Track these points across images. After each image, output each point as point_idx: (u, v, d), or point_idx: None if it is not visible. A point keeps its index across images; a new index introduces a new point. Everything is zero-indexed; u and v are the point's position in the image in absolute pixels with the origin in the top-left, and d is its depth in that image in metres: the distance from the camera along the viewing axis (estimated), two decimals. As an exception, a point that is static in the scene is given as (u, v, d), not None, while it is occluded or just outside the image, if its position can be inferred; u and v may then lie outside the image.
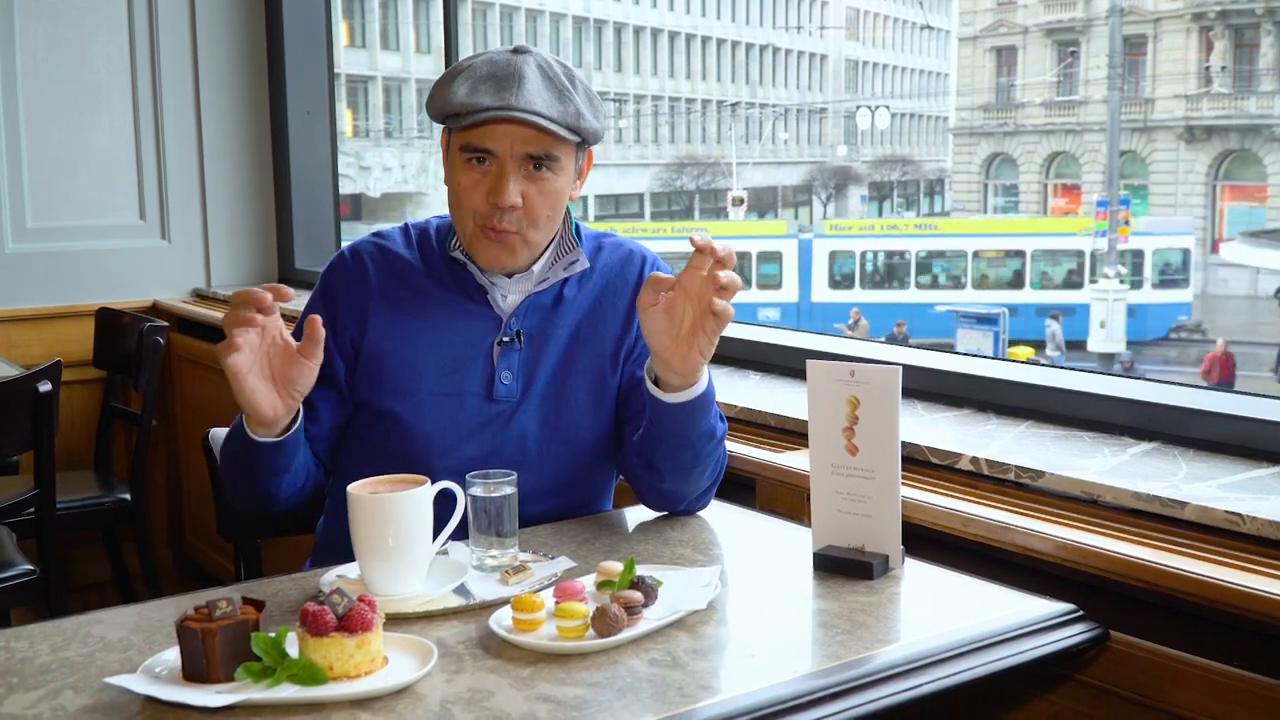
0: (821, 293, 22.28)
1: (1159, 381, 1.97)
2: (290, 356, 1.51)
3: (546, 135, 1.63)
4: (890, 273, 22.68)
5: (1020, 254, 22.07)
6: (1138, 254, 21.31)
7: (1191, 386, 1.93)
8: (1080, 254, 21.69)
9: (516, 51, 1.67)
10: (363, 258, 1.75)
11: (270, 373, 1.52)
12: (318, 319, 1.51)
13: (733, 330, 2.62)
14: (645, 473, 1.70)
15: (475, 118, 1.61)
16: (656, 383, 1.61)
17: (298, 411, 1.58)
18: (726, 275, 1.49)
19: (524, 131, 1.62)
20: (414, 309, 1.72)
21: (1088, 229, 21.74)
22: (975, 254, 22.23)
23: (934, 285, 22.41)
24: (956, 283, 22.26)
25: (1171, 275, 21.56)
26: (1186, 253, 21.85)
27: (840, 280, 22.36)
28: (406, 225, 1.81)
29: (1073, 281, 21.76)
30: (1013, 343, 18.65)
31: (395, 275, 1.74)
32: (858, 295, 21.70)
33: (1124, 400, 1.89)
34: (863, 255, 22.50)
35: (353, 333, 1.72)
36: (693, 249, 1.50)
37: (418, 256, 1.76)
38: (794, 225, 24.55)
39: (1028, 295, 21.39)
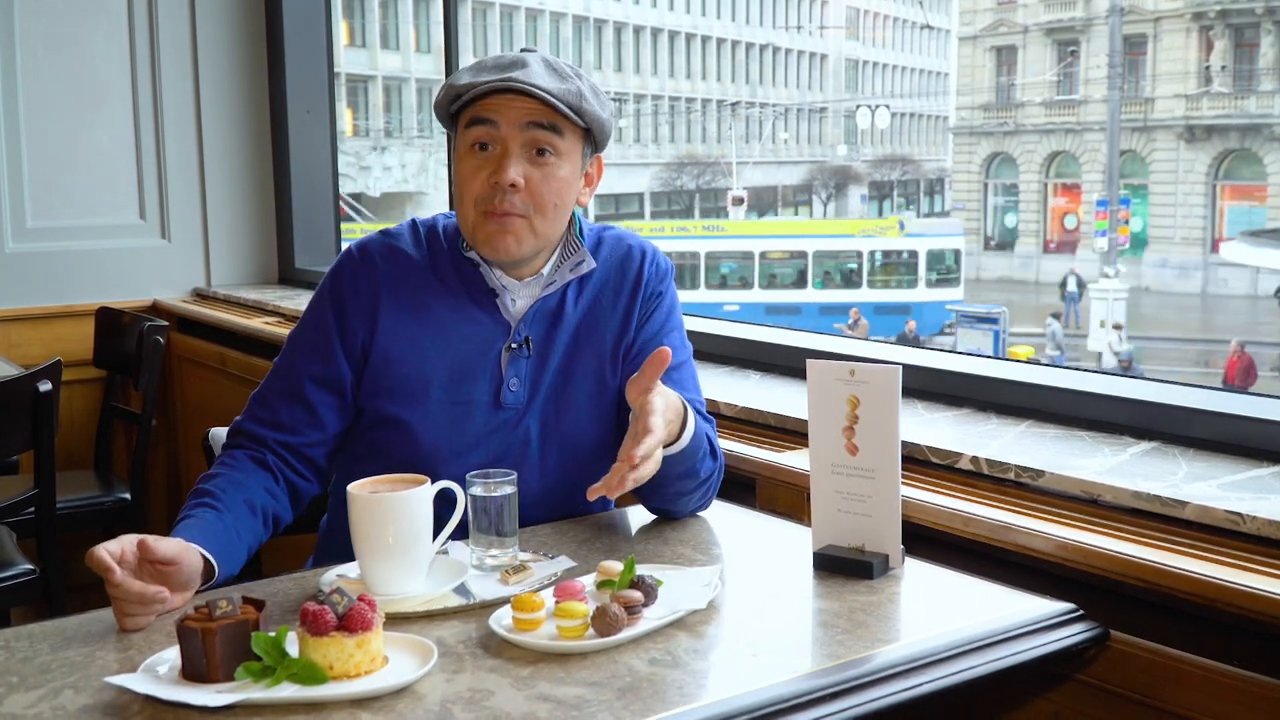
0: None
1: (1159, 381, 1.97)
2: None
3: (548, 110, 1.64)
4: (680, 274, 23.59)
5: (803, 255, 23.42)
6: (912, 254, 23.10)
7: (1192, 386, 1.93)
8: (859, 254, 23.32)
9: (524, 51, 1.70)
10: (372, 255, 1.73)
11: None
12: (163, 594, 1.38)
13: (733, 330, 2.63)
14: (633, 491, 1.71)
15: (477, 89, 1.63)
16: None
17: (213, 566, 1.49)
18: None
19: (526, 104, 1.63)
20: (423, 313, 1.70)
21: (865, 230, 23.86)
22: (762, 255, 23.46)
23: (723, 286, 23.52)
24: (745, 283, 23.48)
25: (945, 275, 23.23)
26: (957, 253, 23.66)
27: None
28: (414, 222, 1.79)
29: (853, 281, 23.33)
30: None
31: (404, 275, 1.72)
32: None
33: (1124, 400, 1.89)
34: None
35: (363, 336, 1.70)
36: None
37: (426, 256, 1.74)
38: None
39: (811, 295, 22.75)
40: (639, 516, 1.76)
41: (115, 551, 1.37)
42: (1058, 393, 1.98)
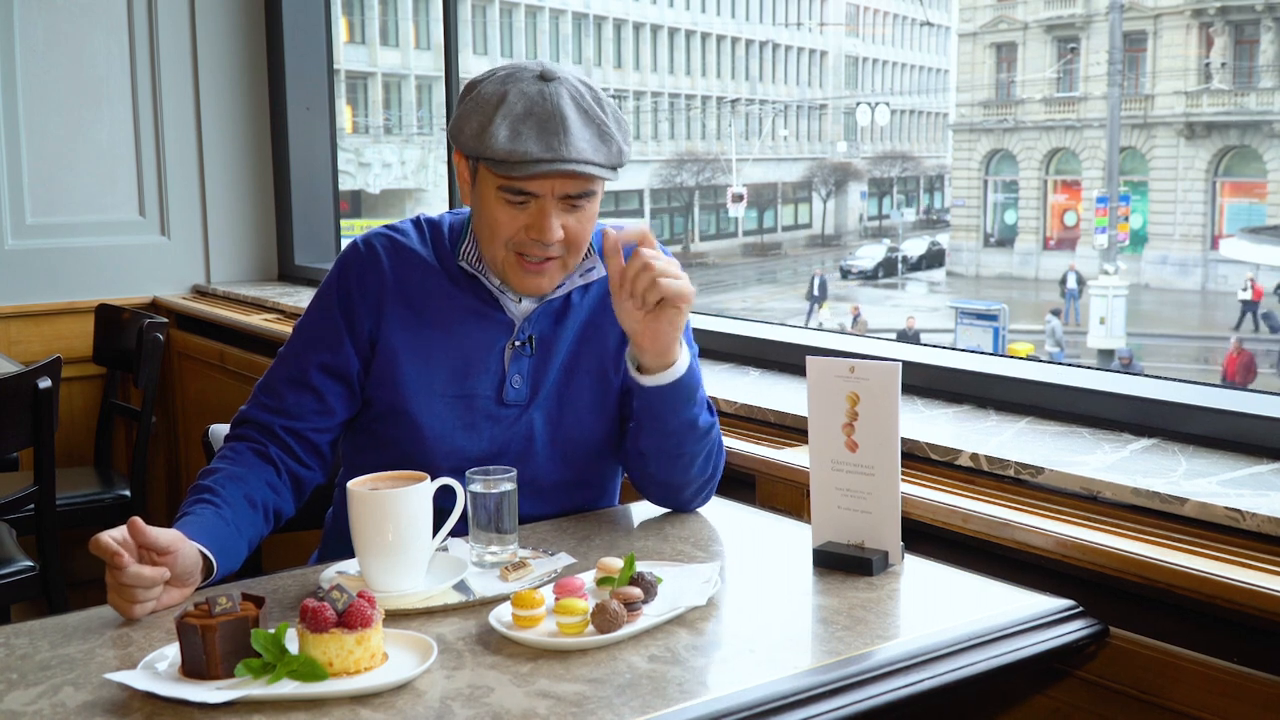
0: None
1: (1159, 378, 1.97)
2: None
3: (592, 179, 1.60)
4: None
5: None
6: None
7: (1191, 383, 1.93)
8: None
9: (544, 78, 1.60)
10: (377, 250, 1.72)
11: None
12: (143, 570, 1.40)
13: (733, 327, 2.62)
14: (636, 459, 1.71)
15: (524, 170, 1.56)
16: (639, 368, 1.63)
17: (212, 563, 1.49)
18: (650, 262, 1.53)
19: (570, 180, 1.59)
20: (428, 309, 1.70)
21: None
22: None
23: None
24: None
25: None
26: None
27: None
28: (420, 219, 1.77)
29: None
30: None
31: (409, 271, 1.72)
32: None
33: (1124, 396, 1.89)
34: None
35: (370, 326, 1.70)
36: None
37: (432, 254, 1.73)
38: None
39: None
40: (639, 513, 1.77)
41: (118, 538, 1.38)
42: (1057, 389, 1.98)
